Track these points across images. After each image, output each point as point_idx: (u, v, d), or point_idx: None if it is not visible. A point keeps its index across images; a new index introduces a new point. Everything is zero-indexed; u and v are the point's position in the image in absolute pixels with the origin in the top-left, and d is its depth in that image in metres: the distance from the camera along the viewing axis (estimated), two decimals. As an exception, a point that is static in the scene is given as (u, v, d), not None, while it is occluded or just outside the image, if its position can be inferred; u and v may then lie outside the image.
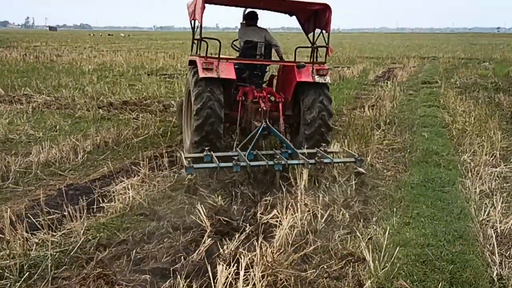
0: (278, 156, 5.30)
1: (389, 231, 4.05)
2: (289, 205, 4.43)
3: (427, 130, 8.23)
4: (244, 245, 3.80)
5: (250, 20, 7.22)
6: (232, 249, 3.70)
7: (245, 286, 3.12)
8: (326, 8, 6.21)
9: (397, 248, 3.74)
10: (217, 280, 3.13)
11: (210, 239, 3.85)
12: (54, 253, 3.67)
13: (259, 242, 3.67)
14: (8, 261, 3.47)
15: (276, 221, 4.16)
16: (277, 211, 4.34)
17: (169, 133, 7.84)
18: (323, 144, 5.85)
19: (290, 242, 3.82)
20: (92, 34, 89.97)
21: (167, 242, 3.95)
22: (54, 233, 4.01)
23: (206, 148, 5.48)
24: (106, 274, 3.28)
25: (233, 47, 7.59)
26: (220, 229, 4.17)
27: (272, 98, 6.50)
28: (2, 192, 5.22)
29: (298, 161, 5.34)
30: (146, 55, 27.65)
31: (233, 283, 3.16)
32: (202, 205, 4.43)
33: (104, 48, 35.80)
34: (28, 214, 4.42)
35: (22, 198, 5.05)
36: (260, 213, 4.44)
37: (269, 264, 3.34)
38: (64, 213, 4.36)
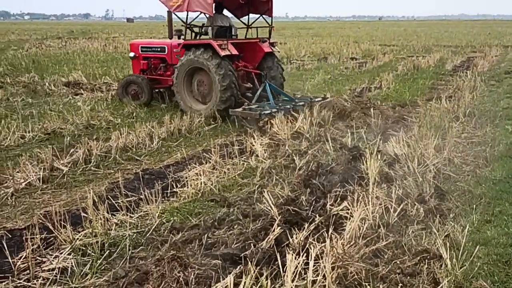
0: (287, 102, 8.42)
1: (468, 228, 3.83)
2: (360, 198, 4.31)
3: (511, 123, 7.67)
4: (313, 235, 3.76)
5: (220, 9, 9.42)
6: (302, 239, 3.67)
7: (315, 277, 3.09)
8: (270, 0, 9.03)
9: (477, 246, 3.53)
10: (286, 269, 3.13)
11: (279, 228, 3.85)
12: (132, 234, 3.87)
13: (329, 233, 3.61)
14: (90, 239, 3.70)
15: (347, 213, 4.08)
16: (348, 203, 4.25)
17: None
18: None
19: (361, 235, 3.72)
20: (165, 25, 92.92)
21: (237, 229, 4.01)
22: (131, 215, 4.22)
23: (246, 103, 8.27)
24: (179, 257, 3.38)
25: (192, 29, 9.27)
26: (289, 219, 4.16)
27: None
28: (85, 174, 5.58)
29: (304, 101, 8.46)
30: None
31: (302, 273, 3.15)
32: (270, 194, 4.46)
33: (177, 39, 36.84)
34: (109, 196, 4.68)
35: (102, 180, 5.37)
36: (330, 205, 4.37)
37: (340, 256, 3.28)
38: (141, 196, 4.57)
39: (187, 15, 8.64)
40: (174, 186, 5.04)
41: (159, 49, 9.85)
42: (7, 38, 34.81)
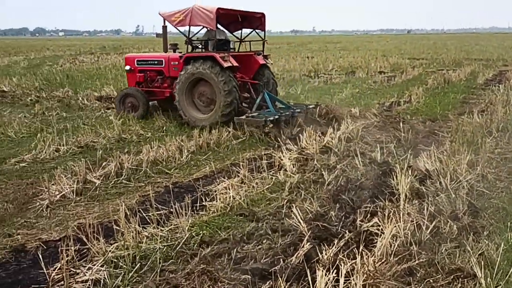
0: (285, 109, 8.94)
1: (502, 246, 3.71)
2: (391, 214, 4.25)
3: (547, 139, 7.44)
4: (343, 252, 3.73)
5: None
6: (331, 255, 3.64)
7: (346, 294, 3.06)
8: (263, 16, 9.76)
9: (513, 266, 3.42)
10: (316, 285, 3.11)
11: (308, 243, 3.83)
12: (162, 247, 3.91)
13: (360, 250, 3.57)
14: (122, 252, 3.77)
15: (377, 230, 4.03)
16: (378, 219, 4.19)
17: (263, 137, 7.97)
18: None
19: (393, 252, 3.67)
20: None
21: (266, 244, 4.01)
22: (162, 228, 4.27)
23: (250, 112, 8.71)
24: (209, 271, 3.41)
25: (191, 43, 9.57)
26: (319, 234, 4.13)
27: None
28: (117, 186, 5.69)
29: (300, 108, 9.06)
30: (244, 59, 28.40)
31: (333, 290, 3.12)
32: (299, 209, 4.45)
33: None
34: (139, 209, 4.76)
35: (133, 193, 5.46)
36: (359, 220, 4.32)
37: (371, 274, 3.24)
38: (171, 209, 4.63)
39: (189, 29, 9.20)
40: (203, 200, 5.09)
41: (156, 62, 10.16)
42: (42, 54, 36.11)
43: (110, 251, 3.78)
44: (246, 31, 10.29)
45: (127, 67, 10.68)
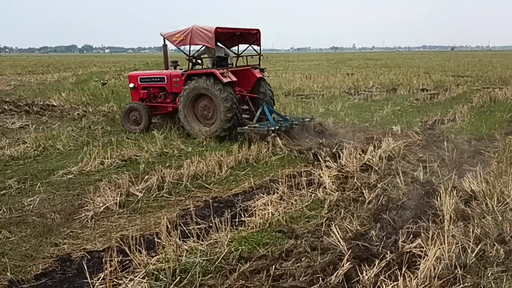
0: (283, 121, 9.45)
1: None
2: (435, 235, 4.13)
3: None
4: (385, 273, 3.64)
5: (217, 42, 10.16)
6: (372, 276, 3.57)
7: (387, 317, 2.98)
8: (258, 32, 10.28)
9: None
10: (357, 306, 3.05)
11: (348, 263, 3.77)
12: (202, 261, 3.95)
13: (402, 271, 3.48)
14: (163, 264, 3.83)
15: (420, 251, 3.92)
16: (421, 241, 4.08)
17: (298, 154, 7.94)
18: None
19: (436, 275, 3.55)
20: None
21: (304, 261, 3.97)
22: (201, 242, 4.32)
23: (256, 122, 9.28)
24: (247, 287, 3.41)
25: (191, 60, 10.20)
26: (359, 254, 4.06)
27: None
28: (158, 200, 5.81)
29: (297, 121, 9.52)
30: (283, 76, 28.54)
31: (374, 311, 3.05)
32: (338, 228, 4.39)
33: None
34: (180, 222, 4.84)
35: (174, 207, 5.56)
36: (402, 241, 4.22)
37: (414, 297, 3.15)
38: (211, 224, 4.67)
39: (190, 48, 9.76)
40: (242, 215, 5.11)
41: (158, 79, 10.73)
42: (89, 70, 37.61)
43: (151, 263, 3.85)
44: (243, 46, 10.87)
45: (131, 85, 11.17)
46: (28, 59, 77.22)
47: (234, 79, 9.26)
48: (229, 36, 10.50)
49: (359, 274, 3.61)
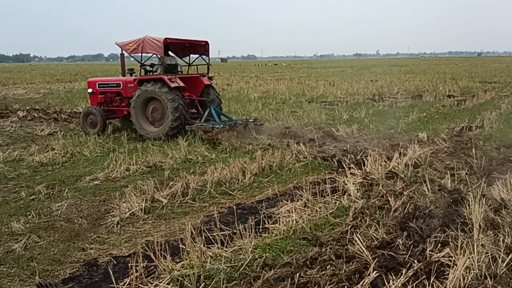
0: (228, 121, 10.67)
1: None
2: (464, 245, 4.03)
3: None
4: (412, 282, 3.57)
5: (166, 51, 11.34)
6: (399, 285, 3.50)
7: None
8: (206, 44, 11.53)
9: None
10: (383, 316, 2.99)
11: (375, 271, 3.71)
12: (226, 268, 3.94)
13: (430, 281, 3.40)
14: (187, 271, 3.84)
15: (449, 261, 3.82)
16: (450, 250, 3.98)
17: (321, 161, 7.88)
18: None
19: (466, 285, 3.46)
20: (258, 64, 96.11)
21: (329, 270, 3.92)
22: (226, 249, 4.32)
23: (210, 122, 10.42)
24: (272, 294, 3.39)
25: (144, 68, 11.34)
26: (385, 263, 3.99)
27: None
28: (182, 206, 5.85)
29: (241, 121, 10.67)
30: (306, 83, 28.52)
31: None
32: (364, 235, 4.33)
33: (268, 77, 38.03)
34: (204, 229, 4.85)
35: (198, 213, 5.59)
36: (429, 250, 4.13)
37: (442, 307, 3.07)
38: (235, 230, 4.67)
39: (141, 56, 10.85)
40: (266, 222, 5.09)
41: (115, 85, 11.77)
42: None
43: (176, 269, 3.87)
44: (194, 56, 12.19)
45: (90, 90, 12.19)
46: (57, 67, 79.26)
47: (182, 84, 10.35)
48: (181, 47, 11.69)
49: (386, 283, 3.54)
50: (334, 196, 5.93)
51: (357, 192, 6.03)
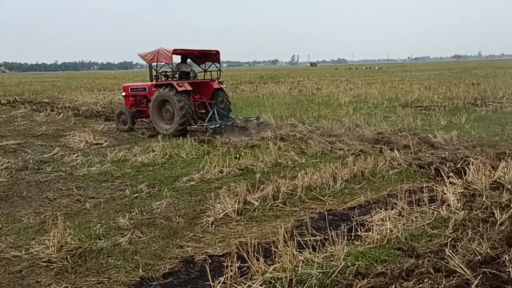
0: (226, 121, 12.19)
1: None
2: None
3: None
4: (521, 303, 3.28)
5: (184, 59, 13.71)
6: (507, 305, 3.24)
7: None
8: (217, 52, 13.32)
9: None
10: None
11: (478, 288, 3.46)
12: (318, 273, 3.92)
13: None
14: (280, 274, 3.88)
15: None
16: None
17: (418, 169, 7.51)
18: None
19: None
20: (348, 68, 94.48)
21: (427, 283, 3.73)
22: (317, 254, 4.29)
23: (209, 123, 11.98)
24: (366, 304, 3.31)
25: (159, 74, 13.17)
26: (489, 282, 3.71)
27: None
28: (273, 209, 5.93)
29: (241, 121, 12.08)
30: (400, 86, 27.41)
31: None
32: (465, 249, 4.06)
33: (359, 81, 37.21)
34: (295, 233, 4.87)
35: (289, 217, 5.62)
36: (542, 269, 3.76)
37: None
38: (326, 236, 4.63)
39: (157, 65, 13.00)
40: (358, 230, 4.98)
41: (142, 89, 14.02)
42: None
43: (268, 271, 3.93)
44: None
45: (124, 93, 14.52)
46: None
47: (189, 88, 12.14)
48: (196, 56, 13.74)
49: (491, 302, 3.29)
50: (431, 206, 5.63)
51: (458, 202, 5.67)
